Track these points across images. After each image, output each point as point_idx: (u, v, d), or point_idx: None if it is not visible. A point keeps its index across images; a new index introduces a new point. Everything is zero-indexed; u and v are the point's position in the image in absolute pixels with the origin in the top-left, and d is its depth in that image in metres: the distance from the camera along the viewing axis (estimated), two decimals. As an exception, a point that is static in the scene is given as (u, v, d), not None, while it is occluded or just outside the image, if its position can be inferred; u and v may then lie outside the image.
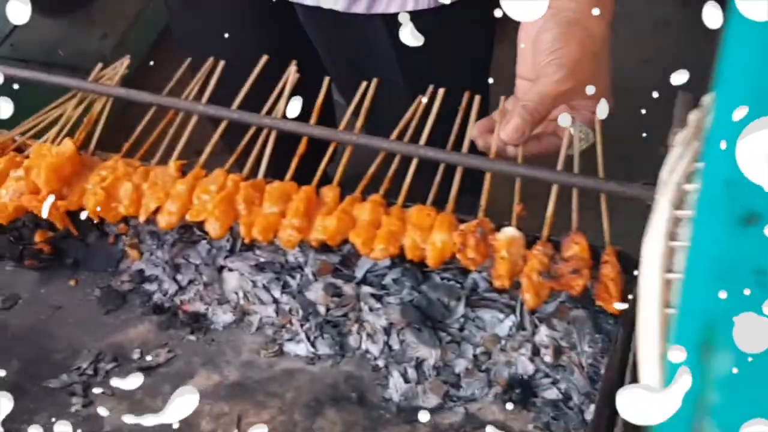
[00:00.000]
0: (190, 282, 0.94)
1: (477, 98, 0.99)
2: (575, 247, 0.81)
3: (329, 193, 0.91)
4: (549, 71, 0.87)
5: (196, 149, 0.98)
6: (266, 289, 0.91)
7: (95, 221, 0.96)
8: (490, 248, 0.82)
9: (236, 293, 0.92)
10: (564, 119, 0.90)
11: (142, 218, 0.90)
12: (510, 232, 0.80)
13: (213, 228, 0.87)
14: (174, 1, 1.33)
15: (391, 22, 1.15)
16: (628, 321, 0.79)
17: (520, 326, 0.84)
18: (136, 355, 0.89)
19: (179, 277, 0.94)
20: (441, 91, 1.01)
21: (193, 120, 0.99)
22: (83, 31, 2.13)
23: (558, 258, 0.81)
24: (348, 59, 1.29)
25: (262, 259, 0.92)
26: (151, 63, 1.32)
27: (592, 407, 0.79)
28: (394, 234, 0.85)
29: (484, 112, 1.00)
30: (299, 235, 0.86)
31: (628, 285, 0.78)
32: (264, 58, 1.07)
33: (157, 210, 0.91)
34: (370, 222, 0.86)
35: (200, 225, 0.95)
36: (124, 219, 0.95)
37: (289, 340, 0.88)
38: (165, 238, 0.96)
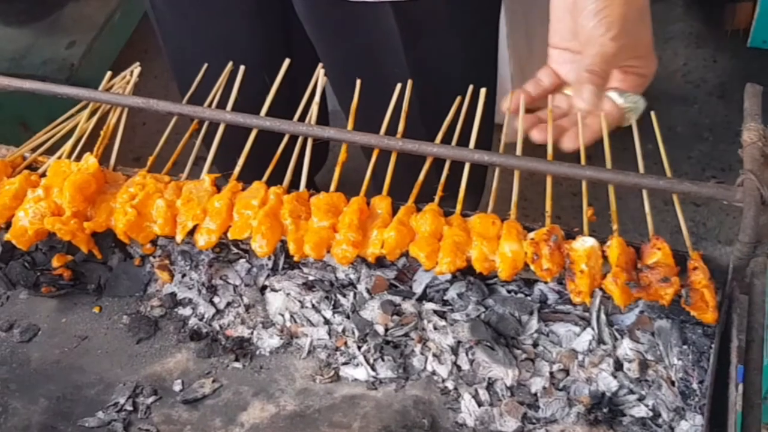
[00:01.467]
0: (228, 304, 0.89)
1: (483, 91, 0.96)
2: (658, 253, 0.78)
3: (381, 203, 0.87)
4: (600, 31, 0.87)
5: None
6: (316, 309, 0.86)
7: (124, 243, 0.89)
8: (566, 257, 0.77)
9: (282, 315, 0.87)
10: (613, 96, 0.92)
11: (179, 238, 0.85)
12: (589, 242, 0.77)
13: (260, 245, 0.83)
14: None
15: (399, 8, 1.12)
16: (721, 330, 0.76)
17: (600, 340, 0.78)
18: (177, 387, 0.84)
19: (216, 299, 0.89)
20: (483, 92, 0.97)
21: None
22: (50, 40, 2.08)
23: (642, 265, 0.76)
24: (350, 53, 1.24)
25: (310, 278, 0.86)
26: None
27: (683, 423, 0.75)
28: (459, 245, 0.81)
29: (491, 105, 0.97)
30: (355, 250, 0.82)
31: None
32: (286, 62, 1.01)
33: (193, 228, 0.84)
34: (431, 233, 0.82)
35: (237, 243, 0.89)
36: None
37: (346, 363, 0.83)
38: (199, 258, 0.91)
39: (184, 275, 0.92)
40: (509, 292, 0.85)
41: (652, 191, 0.86)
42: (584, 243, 0.78)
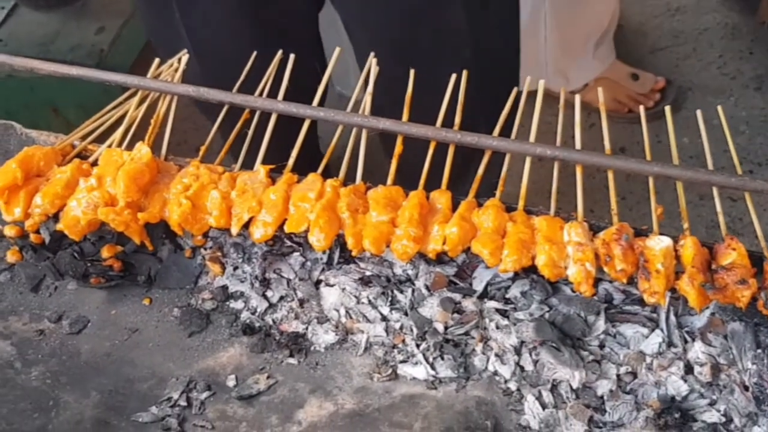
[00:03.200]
0: (282, 299, 0.87)
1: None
2: (733, 253, 0.75)
3: (441, 197, 0.85)
4: None
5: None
6: (372, 305, 0.84)
7: (174, 234, 0.87)
8: (640, 256, 0.75)
9: (337, 310, 0.85)
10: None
11: (235, 231, 0.83)
12: (665, 241, 0.74)
13: (317, 239, 0.81)
14: None
15: None
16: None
17: (669, 342, 0.76)
18: (231, 382, 0.82)
19: (269, 293, 0.87)
20: (541, 82, 0.94)
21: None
22: (79, 26, 2.05)
23: (716, 266, 0.74)
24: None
25: (367, 273, 0.84)
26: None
27: (756, 429, 0.73)
28: (525, 243, 0.78)
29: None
30: (416, 245, 0.80)
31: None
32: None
33: (248, 221, 0.82)
34: (495, 229, 0.80)
35: (291, 235, 0.87)
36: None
37: (404, 361, 0.81)
38: (252, 250, 0.88)
39: (236, 268, 0.90)
40: (574, 291, 0.83)
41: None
42: (660, 242, 0.76)
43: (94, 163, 0.88)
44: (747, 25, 2.46)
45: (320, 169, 0.89)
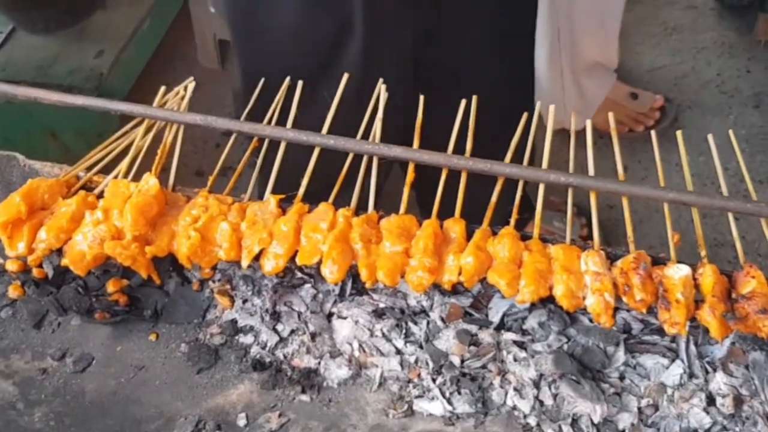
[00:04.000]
0: (293, 332, 0.85)
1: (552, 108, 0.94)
2: (752, 281, 0.73)
3: (455, 226, 0.83)
4: None
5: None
6: (386, 338, 0.82)
7: (182, 267, 0.85)
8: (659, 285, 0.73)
9: (350, 344, 0.83)
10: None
11: (245, 263, 0.81)
12: (684, 270, 0.73)
13: (330, 271, 0.79)
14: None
15: None
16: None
17: (690, 373, 0.74)
18: (242, 421, 0.80)
19: (279, 327, 0.85)
20: (551, 108, 0.93)
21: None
22: (78, 49, 2.03)
23: (736, 295, 0.72)
24: None
25: (380, 305, 0.82)
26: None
27: (782, 463, 0.71)
28: (542, 273, 0.76)
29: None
30: (431, 276, 0.78)
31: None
32: (345, 76, 0.97)
33: (259, 253, 0.80)
34: (511, 259, 0.78)
35: (302, 267, 0.85)
36: (210, 262, 0.84)
37: (420, 396, 0.79)
38: (262, 282, 0.86)
39: (245, 301, 0.87)
40: (592, 321, 0.81)
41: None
42: (678, 271, 0.74)
43: (100, 195, 0.86)
44: (744, 44, 2.47)
45: (331, 198, 0.87)
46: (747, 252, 0.82)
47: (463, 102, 0.93)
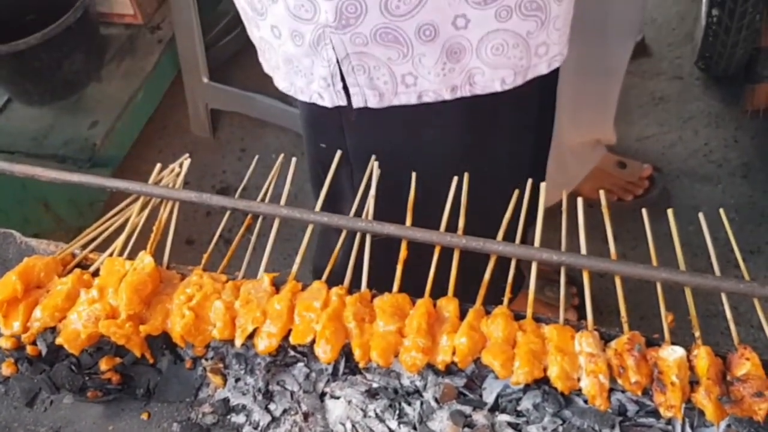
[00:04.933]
0: (285, 412, 0.85)
1: (542, 186, 0.95)
2: (747, 363, 0.74)
3: (449, 305, 0.83)
4: None
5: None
6: (379, 418, 0.82)
7: (175, 344, 0.85)
8: (654, 367, 0.74)
9: (343, 424, 0.83)
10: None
11: (238, 342, 0.81)
12: (678, 352, 0.74)
13: (324, 351, 0.79)
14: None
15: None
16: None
17: (687, 456, 0.75)
18: (234, 504, 0.77)
19: (272, 406, 0.84)
20: (543, 185, 0.95)
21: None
22: (72, 120, 2.07)
23: (731, 377, 0.73)
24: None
25: (374, 384, 0.82)
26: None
27: None
28: (536, 354, 0.77)
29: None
30: (425, 356, 0.78)
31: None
32: (338, 154, 1.00)
33: (253, 332, 0.81)
34: (505, 339, 0.78)
35: (295, 345, 0.85)
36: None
37: (414, 479, 0.77)
38: (255, 361, 0.87)
39: (238, 380, 0.87)
40: (586, 402, 0.81)
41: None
42: (673, 352, 0.75)
43: (96, 273, 0.87)
44: (730, 114, 2.51)
45: (325, 276, 0.88)
46: (740, 323, 0.83)
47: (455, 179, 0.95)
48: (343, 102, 1.11)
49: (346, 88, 1.09)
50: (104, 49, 2.26)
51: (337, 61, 1.05)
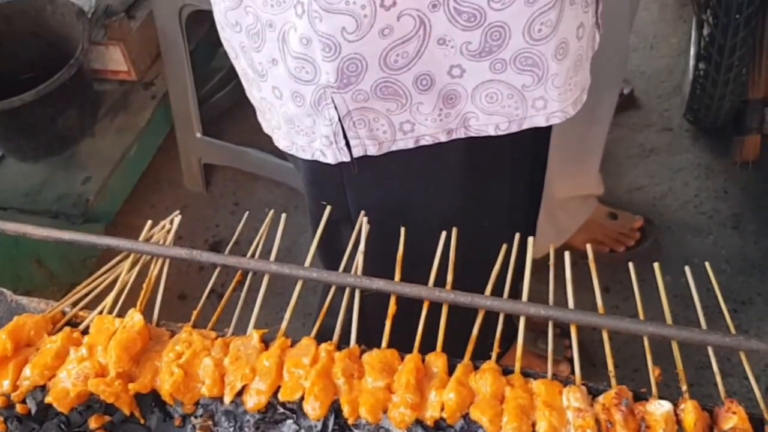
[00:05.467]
0: (275, 469, 0.83)
1: (530, 240, 0.97)
2: (734, 417, 0.75)
3: (437, 361, 0.85)
4: None
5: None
6: (369, 475, 0.81)
7: (164, 402, 0.85)
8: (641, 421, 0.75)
9: (332, 481, 0.81)
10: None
11: (227, 400, 0.82)
12: (665, 406, 0.75)
13: (312, 408, 0.80)
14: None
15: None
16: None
17: None
18: None
19: (261, 463, 0.84)
20: (530, 240, 0.96)
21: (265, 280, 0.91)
22: (65, 176, 2.10)
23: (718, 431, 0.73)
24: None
25: (363, 441, 0.82)
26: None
27: None
28: (524, 409, 0.78)
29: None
30: (413, 413, 0.79)
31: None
32: (328, 209, 1.01)
33: (242, 389, 0.81)
34: (493, 394, 0.79)
35: (284, 401, 0.86)
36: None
37: None
38: (244, 418, 0.87)
39: (227, 437, 0.88)
40: (575, 456, 0.82)
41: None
42: (660, 407, 0.76)
43: (86, 331, 0.88)
44: (719, 166, 2.55)
45: (314, 332, 0.89)
46: (733, 375, 0.84)
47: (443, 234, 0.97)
48: (347, 158, 1.13)
49: (347, 144, 1.11)
50: (98, 105, 2.30)
51: (339, 119, 1.07)
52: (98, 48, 2.35)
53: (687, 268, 0.96)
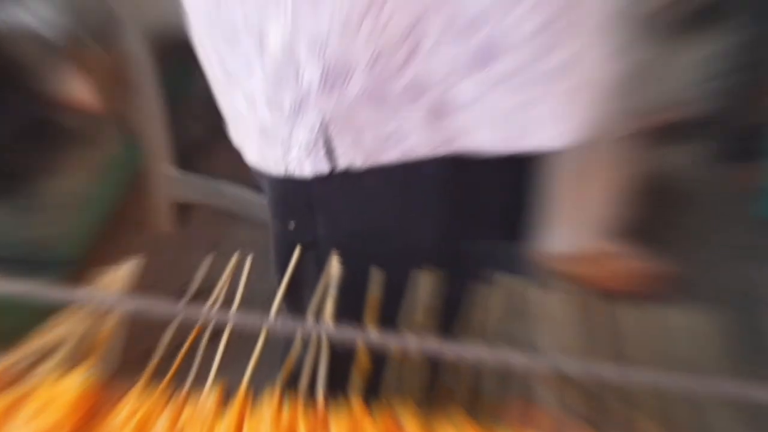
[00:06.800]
0: None
1: None
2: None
3: (409, 416, 0.83)
4: None
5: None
6: None
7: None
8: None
9: None
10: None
11: (181, 465, 0.79)
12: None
13: (273, 475, 0.78)
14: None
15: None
16: None
17: None
18: None
19: None
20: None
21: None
22: (28, 219, 2.05)
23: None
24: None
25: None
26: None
27: None
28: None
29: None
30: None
31: None
32: (297, 250, 1.01)
33: (198, 453, 0.81)
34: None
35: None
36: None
37: None
38: (200, 484, 0.85)
39: (184, 502, 0.87)
40: None
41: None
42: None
43: (34, 390, 0.87)
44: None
45: (279, 383, 0.88)
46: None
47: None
48: (325, 169, 1.11)
49: (328, 153, 1.10)
50: (61, 141, 2.29)
51: (321, 127, 1.06)
52: (60, 77, 2.34)
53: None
